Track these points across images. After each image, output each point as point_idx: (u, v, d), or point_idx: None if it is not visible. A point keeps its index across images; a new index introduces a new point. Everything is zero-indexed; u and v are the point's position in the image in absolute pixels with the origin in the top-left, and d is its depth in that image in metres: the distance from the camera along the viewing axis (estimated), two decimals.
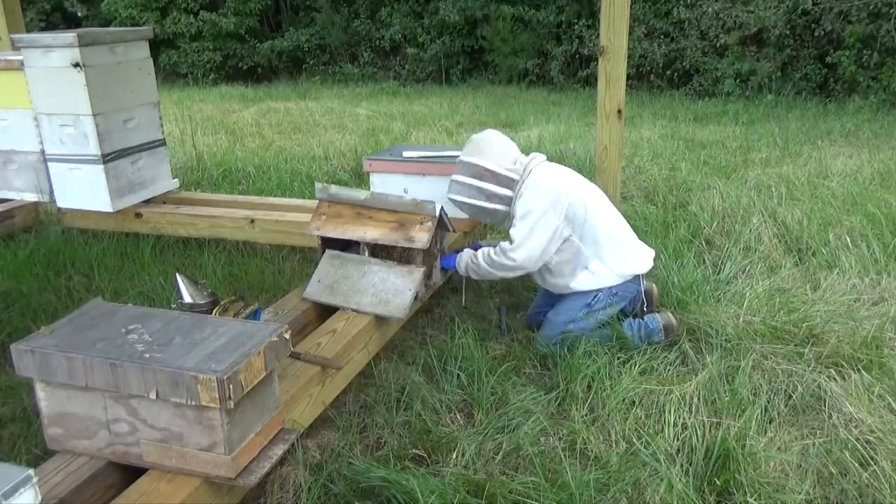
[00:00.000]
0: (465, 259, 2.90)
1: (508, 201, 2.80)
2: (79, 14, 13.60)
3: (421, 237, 2.66)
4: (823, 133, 6.85)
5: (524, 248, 2.71)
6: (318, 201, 2.88)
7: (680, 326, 2.87)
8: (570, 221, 2.75)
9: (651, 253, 2.95)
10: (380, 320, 2.64)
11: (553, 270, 2.84)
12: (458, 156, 3.34)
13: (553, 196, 2.71)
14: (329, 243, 2.86)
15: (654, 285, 3.05)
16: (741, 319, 2.95)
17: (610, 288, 2.82)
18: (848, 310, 3.03)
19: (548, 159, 2.96)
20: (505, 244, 2.76)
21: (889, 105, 8.20)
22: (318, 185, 2.87)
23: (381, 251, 2.78)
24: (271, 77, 12.97)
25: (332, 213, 2.82)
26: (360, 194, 2.81)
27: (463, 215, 3.21)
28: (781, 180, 5.02)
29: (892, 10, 8.23)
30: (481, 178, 2.79)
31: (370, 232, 2.72)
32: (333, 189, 2.83)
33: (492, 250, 2.80)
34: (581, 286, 2.82)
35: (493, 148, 2.83)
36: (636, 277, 2.89)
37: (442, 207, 2.75)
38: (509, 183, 2.79)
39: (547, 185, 2.74)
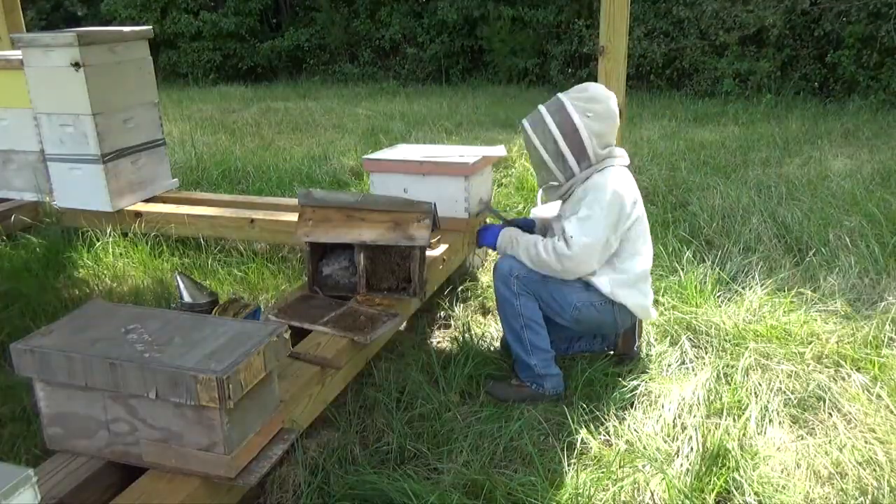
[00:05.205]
0: (508, 241, 2.65)
1: (571, 175, 2.54)
2: (78, 13, 13.59)
3: (421, 234, 2.66)
4: (823, 133, 6.85)
5: (579, 251, 2.42)
6: (301, 207, 2.77)
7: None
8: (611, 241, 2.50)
9: (651, 310, 2.69)
10: None
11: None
12: (455, 157, 3.34)
13: (616, 208, 2.45)
14: (316, 247, 2.83)
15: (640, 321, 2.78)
16: (741, 319, 2.95)
17: (608, 297, 2.54)
18: (848, 310, 3.04)
19: None
20: (561, 245, 2.45)
21: (889, 105, 8.20)
22: (300, 191, 2.78)
23: (375, 252, 2.76)
24: (271, 77, 12.96)
25: (320, 217, 2.74)
26: (348, 196, 2.78)
27: (457, 216, 3.21)
28: (781, 180, 5.02)
29: (891, 11, 8.23)
30: (564, 134, 2.50)
31: (365, 233, 2.70)
32: (318, 193, 2.76)
33: (541, 243, 2.51)
34: (588, 278, 2.54)
35: (599, 119, 2.50)
36: (632, 317, 2.64)
37: (434, 205, 2.74)
38: (584, 160, 2.52)
39: (616, 196, 2.45)
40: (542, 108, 2.56)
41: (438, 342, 3.00)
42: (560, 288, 2.52)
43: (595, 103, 2.51)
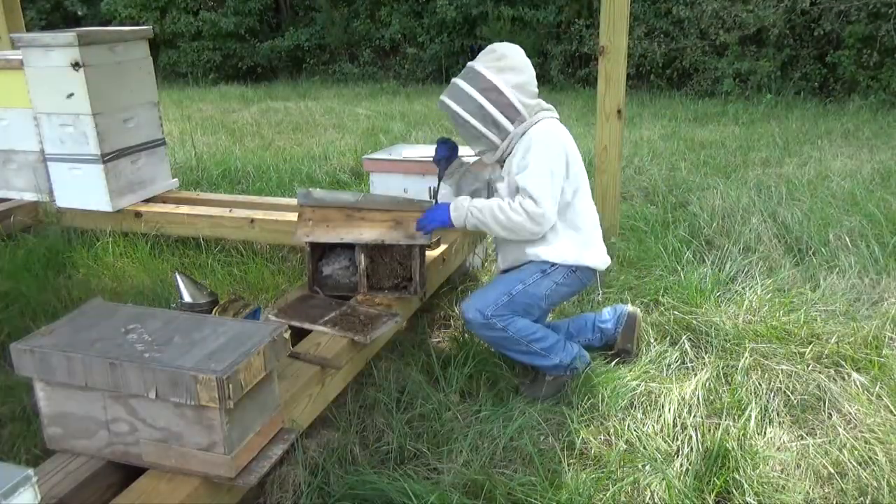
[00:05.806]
0: (464, 211, 2.50)
1: (505, 135, 2.50)
2: (78, 13, 13.60)
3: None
4: (823, 133, 6.85)
5: (547, 204, 2.38)
6: (300, 207, 2.76)
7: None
8: (565, 190, 2.51)
9: (607, 258, 2.69)
10: None
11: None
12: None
13: (563, 156, 2.47)
14: (316, 247, 2.83)
15: (638, 311, 2.83)
16: (741, 319, 2.95)
17: (570, 266, 2.53)
18: (848, 310, 3.03)
19: None
20: (529, 203, 2.38)
21: (889, 105, 8.20)
22: (300, 191, 2.76)
23: (376, 252, 2.76)
24: (271, 77, 12.96)
25: (319, 217, 2.74)
26: (348, 196, 2.78)
27: None
28: (781, 180, 5.02)
29: (891, 11, 8.23)
30: (488, 97, 2.46)
31: (366, 233, 2.70)
32: (318, 193, 2.75)
33: (506, 206, 2.42)
34: (539, 256, 2.52)
35: (516, 71, 2.50)
36: (594, 272, 2.65)
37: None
38: (514, 116, 2.49)
39: (559, 144, 2.48)
40: (456, 80, 2.52)
41: (438, 342, 3.00)
42: (525, 290, 2.50)
43: (505, 59, 2.51)
